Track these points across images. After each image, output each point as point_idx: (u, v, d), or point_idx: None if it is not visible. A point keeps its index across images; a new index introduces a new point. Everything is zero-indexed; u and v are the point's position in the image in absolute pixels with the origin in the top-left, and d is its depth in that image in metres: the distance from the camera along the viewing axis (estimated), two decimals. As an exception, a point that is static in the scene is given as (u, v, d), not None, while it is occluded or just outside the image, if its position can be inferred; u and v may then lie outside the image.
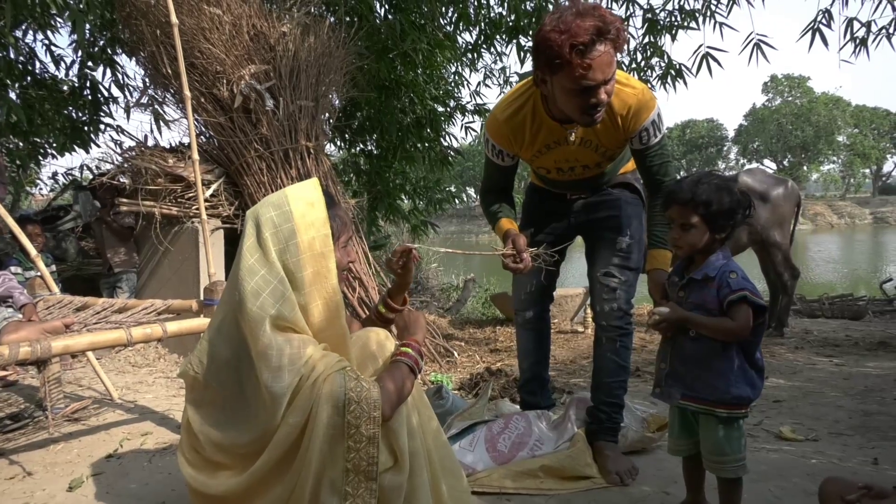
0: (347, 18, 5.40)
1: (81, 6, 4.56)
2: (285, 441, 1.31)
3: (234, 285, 1.39)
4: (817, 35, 4.74)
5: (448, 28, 6.28)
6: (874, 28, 4.79)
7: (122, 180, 4.87)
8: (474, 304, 8.62)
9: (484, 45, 6.52)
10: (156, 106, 5.14)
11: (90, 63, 5.76)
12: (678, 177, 2.09)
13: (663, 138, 2.11)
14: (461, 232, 39.94)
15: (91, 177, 6.31)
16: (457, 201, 9.05)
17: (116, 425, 2.95)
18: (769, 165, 50.23)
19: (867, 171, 52.13)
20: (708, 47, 4.82)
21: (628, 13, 5.32)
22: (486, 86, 7.44)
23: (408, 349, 1.53)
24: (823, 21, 4.74)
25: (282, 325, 1.35)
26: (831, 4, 4.78)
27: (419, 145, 6.70)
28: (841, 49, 4.88)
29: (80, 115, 5.97)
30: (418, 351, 1.56)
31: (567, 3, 1.87)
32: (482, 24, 6.26)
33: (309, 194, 1.45)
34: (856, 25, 4.79)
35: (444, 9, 6.07)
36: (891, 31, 4.72)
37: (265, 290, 1.34)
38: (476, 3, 6.16)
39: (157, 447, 2.62)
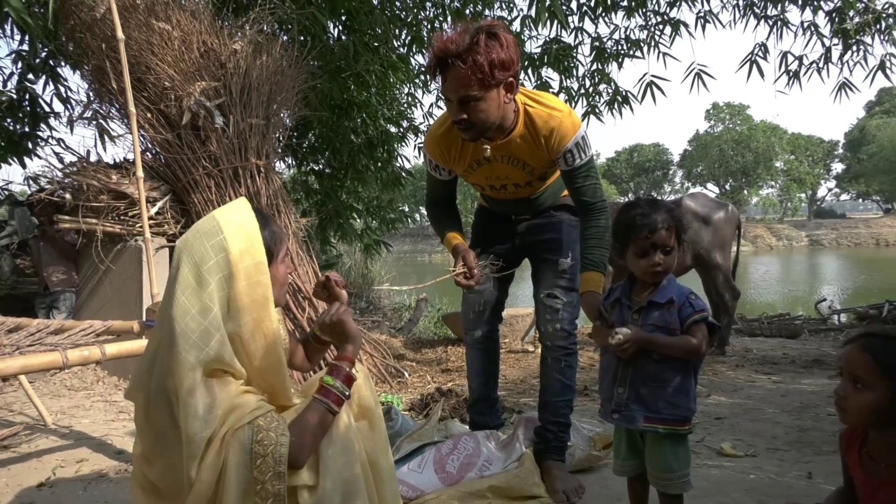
0: (301, 38, 5.39)
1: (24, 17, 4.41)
2: (202, 498, 1.24)
3: (165, 323, 1.30)
4: (755, 67, 5.02)
5: (401, 50, 6.33)
6: (806, 62, 5.10)
7: (62, 196, 4.71)
8: (426, 324, 8.59)
9: (437, 67, 6.59)
10: (100, 120, 4.98)
11: (31, 75, 5.57)
12: (622, 200, 2.15)
13: (590, 161, 2.16)
14: (414, 251, 39.91)
15: (30, 191, 6.07)
16: (409, 221, 9.07)
17: (50, 452, 2.82)
18: (712, 189, 52.17)
19: (803, 195, 54.63)
20: (652, 76, 5.02)
21: (577, 42, 5.49)
22: (439, 107, 7.51)
23: (331, 381, 1.40)
24: (760, 54, 5.02)
25: (212, 368, 1.27)
26: (767, 38, 5.06)
27: (371, 165, 6.69)
28: (776, 80, 5.17)
29: (19, 128, 5.74)
30: (346, 377, 1.43)
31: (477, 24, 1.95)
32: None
33: (241, 219, 1.38)
34: (790, 58, 5.09)
35: (397, 31, 6.13)
36: (821, 65, 5.03)
37: (196, 331, 1.26)
38: (429, 27, 6.25)
39: (93, 474, 2.52)
